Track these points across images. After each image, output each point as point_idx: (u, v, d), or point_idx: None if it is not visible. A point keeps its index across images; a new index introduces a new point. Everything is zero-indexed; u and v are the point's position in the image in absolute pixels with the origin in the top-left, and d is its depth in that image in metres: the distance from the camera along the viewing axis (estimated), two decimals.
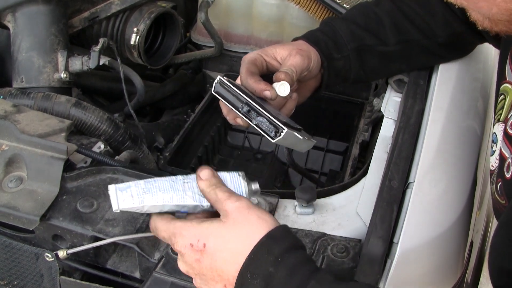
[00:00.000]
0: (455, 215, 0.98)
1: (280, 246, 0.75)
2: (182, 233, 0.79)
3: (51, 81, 1.36)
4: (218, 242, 0.77)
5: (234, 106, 0.93)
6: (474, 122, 1.17)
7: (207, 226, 0.79)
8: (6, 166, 1.06)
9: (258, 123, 0.91)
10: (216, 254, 0.77)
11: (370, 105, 1.50)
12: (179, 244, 0.79)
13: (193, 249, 0.78)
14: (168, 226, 0.81)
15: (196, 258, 0.78)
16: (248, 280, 0.74)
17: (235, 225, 0.78)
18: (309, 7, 1.57)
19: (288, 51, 1.06)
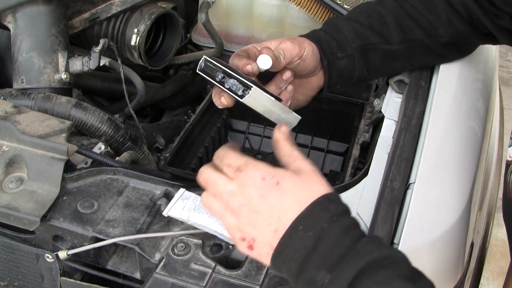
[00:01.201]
0: (456, 216, 0.98)
1: (336, 207, 0.78)
2: (256, 165, 0.81)
3: (52, 82, 1.36)
4: (290, 184, 0.79)
5: (211, 78, 0.95)
6: (475, 122, 1.17)
7: (283, 171, 0.81)
8: (7, 166, 1.06)
9: (230, 85, 0.91)
10: (286, 194, 0.78)
11: (371, 105, 1.50)
12: (249, 173, 0.80)
13: (263, 182, 0.79)
14: (241, 156, 0.84)
15: (262, 193, 0.79)
16: (298, 232, 0.75)
17: (306, 178, 0.80)
18: (310, 8, 1.57)
19: (280, 40, 1.06)
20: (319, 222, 0.75)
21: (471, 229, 1.04)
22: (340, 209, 0.78)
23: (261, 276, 0.90)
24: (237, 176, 0.81)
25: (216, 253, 0.95)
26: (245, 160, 0.82)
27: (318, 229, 0.74)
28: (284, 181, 0.79)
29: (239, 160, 0.82)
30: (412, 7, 1.16)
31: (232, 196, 0.81)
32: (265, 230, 0.78)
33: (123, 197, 1.06)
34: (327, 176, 1.72)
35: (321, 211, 0.76)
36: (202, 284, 0.89)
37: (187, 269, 0.92)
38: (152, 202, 1.05)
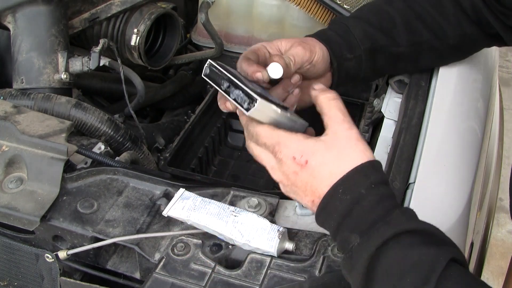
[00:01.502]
0: (455, 215, 0.98)
1: (377, 176, 0.80)
2: (287, 144, 0.83)
3: (51, 82, 1.36)
4: (319, 161, 0.81)
5: (217, 84, 0.93)
6: (475, 123, 1.17)
7: (312, 144, 0.82)
8: (7, 166, 1.06)
9: (235, 97, 0.89)
10: (315, 172, 0.81)
11: (371, 105, 1.50)
12: (283, 153, 0.83)
13: (294, 161, 0.82)
14: (272, 133, 0.85)
15: (295, 170, 0.83)
16: (338, 195, 0.79)
17: (340, 151, 0.81)
18: (310, 8, 1.57)
19: (291, 43, 1.06)
20: (358, 188, 0.78)
21: (470, 229, 1.04)
22: (379, 178, 0.80)
23: (260, 276, 0.90)
24: (276, 156, 0.84)
25: (216, 253, 0.95)
26: (277, 139, 0.84)
27: (356, 194, 0.78)
28: (313, 159, 0.81)
29: (271, 139, 0.85)
30: (421, 7, 1.16)
31: (273, 170, 0.87)
32: (304, 200, 0.85)
33: (123, 197, 1.06)
34: None
35: (361, 177, 0.79)
36: (201, 284, 0.89)
37: (187, 269, 0.92)
38: (152, 202, 1.05)
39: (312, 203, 0.83)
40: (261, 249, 0.91)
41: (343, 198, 0.78)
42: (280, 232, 0.92)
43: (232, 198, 1.04)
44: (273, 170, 0.87)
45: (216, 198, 1.02)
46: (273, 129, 0.86)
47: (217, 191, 1.06)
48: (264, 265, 0.92)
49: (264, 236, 0.92)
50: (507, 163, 3.18)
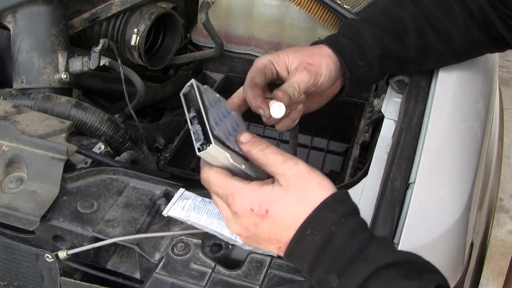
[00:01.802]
0: (455, 216, 0.98)
1: (344, 208, 0.76)
2: (243, 195, 0.79)
3: (52, 82, 1.36)
4: (280, 208, 0.77)
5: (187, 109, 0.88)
6: (475, 122, 1.17)
7: (269, 191, 0.78)
8: (7, 166, 1.06)
9: (194, 130, 0.83)
10: (278, 220, 0.77)
11: (371, 105, 1.50)
12: (238, 205, 0.79)
13: (253, 213, 0.78)
14: (225, 183, 0.81)
15: (254, 222, 0.79)
16: (307, 237, 0.75)
17: (297, 191, 0.78)
18: (310, 8, 1.57)
19: (298, 63, 1.03)
20: (327, 225, 0.75)
21: (470, 229, 1.04)
22: (348, 209, 0.77)
23: (260, 276, 0.90)
24: (231, 208, 0.80)
25: (216, 253, 0.95)
26: (230, 190, 0.80)
27: (326, 232, 0.75)
28: (273, 206, 0.78)
29: (224, 190, 0.80)
30: (431, 12, 1.14)
31: (230, 224, 0.83)
32: (269, 248, 0.81)
33: (123, 197, 1.06)
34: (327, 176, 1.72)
35: (328, 213, 0.76)
36: (202, 284, 0.89)
37: (187, 269, 0.92)
38: (152, 202, 1.05)
39: (278, 250, 0.80)
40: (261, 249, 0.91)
41: (312, 239, 0.75)
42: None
43: None
44: (228, 222, 0.83)
45: None
46: (226, 178, 0.81)
47: None
48: (264, 265, 0.92)
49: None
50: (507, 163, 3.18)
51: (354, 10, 1.47)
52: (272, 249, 0.81)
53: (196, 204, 0.95)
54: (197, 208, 0.95)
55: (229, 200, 0.80)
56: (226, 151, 0.81)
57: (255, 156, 0.82)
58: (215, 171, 0.82)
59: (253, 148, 0.83)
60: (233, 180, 0.81)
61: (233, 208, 0.79)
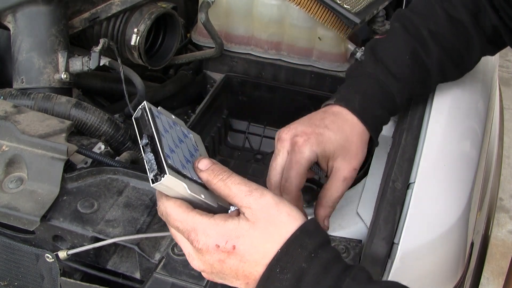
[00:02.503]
0: (456, 215, 0.98)
1: (313, 241, 0.72)
2: (207, 231, 0.73)
3: (52, 82, 1.36)
4: (248, 244, 0.72)
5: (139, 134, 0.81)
6: (475, 122, 1.17)
7: (235, 226, 0.73)
8: (7, 166, 1.06)
9: (147, 159, 0.76)
10: (246, 256, 0.72)
11: None
12: (202, 242, 0.73)
13: (218, 250, 0.73)
14: (186, 217, 0.75)
15: (220, 259, 0.73)
16: (276, 275, 0.71)
17: (266, 225, 0.72)
18: (310, 8, 1.57)
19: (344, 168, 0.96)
20: (296, 262, 0.70)
21: (471, 229, 1.04)
22: (317, 242, 0.72)
23: None
24: (193, 244, 0.75)
25: None
26: (192, 225, 0.74)
27: (296, 270, 0.70)
28: (241, 242, 0.72)
29: (185, 225, 0.75)
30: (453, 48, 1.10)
31: (191, 259, 0.78)
32: (236, 283, 0.76)
33: (123, 197, 1.06)
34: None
35: (297, 248, 0.71)
36: (202, 284, 0.89)
37: (187, 268, 0.92)
38: (152, 202, 1.05)
39: (246, 285, 0.75)
40: None
41: (282, 277, 0.70)
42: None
43: None
44: (190, 258, 0.78)
45: None
46: (186, 212, 0.75)
47: None
48: None
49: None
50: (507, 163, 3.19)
51: (354, 10, 1.47)
52: (239, 285, 0.76)
53: None
54: None
55: (191, 236, 0.74)
56: (182, 181, 0.75)
57: (216, 186, 0.77)
58: (173, 204, 0.76)
59: (213, 178, 0.77)
60: (195, 214, 0.75)
61: (196, 245, 0.74)
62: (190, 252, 0.78)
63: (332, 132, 0.97)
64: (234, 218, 0.74)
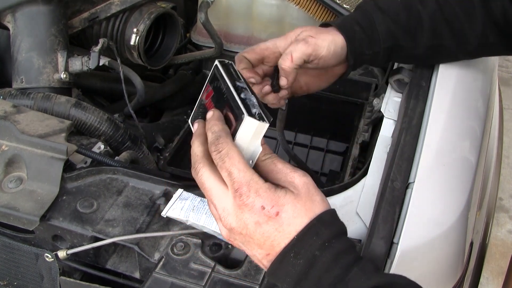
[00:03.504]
0: (455, 215, 0.98)
1: (329, 230, 0.74)
2: (259, 191, 0.74)
3: (51, 82, 1.36)
4: (290, 213, 0.74)
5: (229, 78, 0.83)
6: (474, 122, 1.17)
7: (283, 194, 0.75)
8: (6, 166, 1.06)
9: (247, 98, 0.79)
10: (285, 225, 0.74)
11: (370, 105, 1.50)
12: (251, 199, 0.74)
13: (262, 211, 0.73)
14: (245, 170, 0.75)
15: (259, 221, 0.74)
16: (290, 259, 0.73)
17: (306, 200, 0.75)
18: (309, 8, 1.57)
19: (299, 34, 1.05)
20: (310, 250, 0.73)
21: (470, 228, 1.04)
22: (333, 232, 0.74)
23: (260, 276, 0.90)
24: (235, 195, 0.74)
25: (216, 252, 0.95)
26: (248, 179, 0.74)
27: (309, 257, 0.73)
28: (285, 211, 0.74)
29: (241, 177, 0.74)
30: (451, 9, 1.11)
31: (226, 214, 0.76)
32: (256, 251, 0.77)
33: (123, 197, 1.06)
34: (327, 176, 1.73)
35: (313, 237, 0.73)
36: (201, 283, 0.89)
37: (187, 268, 0.92)
38: (152, 202, 1.05)
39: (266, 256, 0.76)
40: None
41: (296, 262, 0.73)
42: None
43: None
44: (225, 213, 0.76)
45: None
46: (247, 165, 0.75)
47: None
48: None
49: None
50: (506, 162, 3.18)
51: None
52: (258, 255, 0.77)
53: (195, 205, 0.95)
54: (196, 208, 0.95)
55: (242, 189, 0.74)
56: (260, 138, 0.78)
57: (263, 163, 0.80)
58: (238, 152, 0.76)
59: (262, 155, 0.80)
60: (253, 172, 0.75)
61: (244, 200, 0.74)
62: (226, 207, 0.76)
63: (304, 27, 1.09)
64: (283, 189, 0.76)
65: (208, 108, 0.85)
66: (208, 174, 0.77)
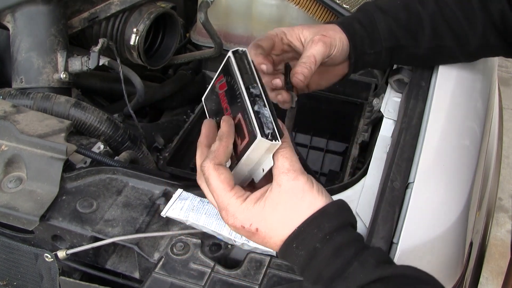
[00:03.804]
0: (455, 215, 0.98)
1: (331, 223, 0.76)
2: (235, 215, 0.78)
3: (51, 82, 1.36)
4: (269, 227, 0.78)
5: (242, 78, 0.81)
6: (474, 122, 1.17)
7: (260, 210, 0.78)
8: (6, 166, 1.06)
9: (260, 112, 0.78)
10: (267, 236, 0.78)
11: (370, 105, 1.50)
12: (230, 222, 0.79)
13: (244, 229, 0.79)
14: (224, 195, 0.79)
15: (247, 235, 0.80)
16: (293, 249, 0.76)
17: (286, 207, 0.77)
18: (309, 8, 1.57)
19: (312, 35, 1.04)
20: (311, 242, 0.75)
21: (470, 228, 1.04)
22: (334, 225, 0.76)
23: (260, 276, 0.90)
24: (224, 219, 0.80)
25: (215, 252, 0.95)
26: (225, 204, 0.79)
27: (311, 249, 0.75)
28: (263, 226, 0.78)
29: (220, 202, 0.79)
30: (451, 12, 1.12)
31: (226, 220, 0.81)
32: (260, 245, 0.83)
33: (122, 197, 1.06)
34: (326, 176, 1.72)
35: (314, 229, 0.75)
36: (201, 283, 0.89)
37: (186, 268, 0.92)
38: (151, 202, 1.05)
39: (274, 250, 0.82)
40: (260, 248, 0.91)
41: (298, 253, 0.76)
42: None
43: None
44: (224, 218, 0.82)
45: None
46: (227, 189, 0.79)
47: None
48: (264, 264, 0.92)
49: None
50: (506, 162, 3.19)
51: (353, 9, 1.48)
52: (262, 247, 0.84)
53: (194, 205, 0.95)
54: (196, 208, 0.95)
55: (222, 213, 0.80)
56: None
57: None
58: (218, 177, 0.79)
59: None
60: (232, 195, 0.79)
61: (226, 221, 0.80)
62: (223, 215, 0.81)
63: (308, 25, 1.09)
64: (261, 200, 0.79)
65: (221, 101, 0.85)
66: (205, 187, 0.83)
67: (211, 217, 0.93)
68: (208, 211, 0.94)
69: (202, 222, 0.93)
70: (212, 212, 0.94)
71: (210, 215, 0.93)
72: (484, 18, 1.12)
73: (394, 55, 1.14)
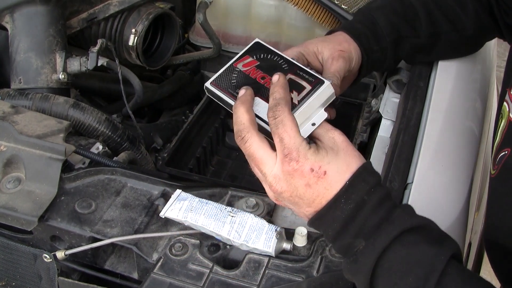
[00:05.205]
0: (453, 216, 0.99)
1: (373, 177, 0.80)
2: (307, 155, 0.78)
3: (49, 82, 1.36)
4: (336, 172, 0.79)
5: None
6: (472, 123, 1.18)
7: (325, 154, 0.79)
8: (4, 167, 1.06)
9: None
10: (333, 183, 0.78)
11: (368, 106, 1.50)
12: (300, 163, 0.78)
13: (312, 173, 0.78)
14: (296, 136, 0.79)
15: (309, 182, 0.78)
16: (340, 205, 0.77)
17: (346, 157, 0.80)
18: (307, 8, 1.57)
19: (330, 51, 1.04)
20: (360, 194, 0.77)
21: (468, 229, 1.04)
22: (376, 180, 0.80)
23: (258, 276, 0.90)
24: (285, 161, 0.78)
25: (214, 253, 0.95)
26: (297, 146, 0.78)
27: (359, 201, 0.77)
28: (331, 169, 0.78)
29: (292, 143, 0.78)
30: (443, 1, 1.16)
31: (276, 180, 0.80)
32: (304, 209, 0.81)
33: (121, 197, 1.06)
34: None
35: (361, 182, 0.78)
36: (199, 284, 0.89)
37: (185, 269, 0.92)
38: (150, 202, 1.05)
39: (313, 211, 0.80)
40: (259, 249, 0.91)
41: (345, 208, 0.77)
42: (277, 232, 0.92)
43: (230, 198, 1.04)
44: (275, 179, 0.80)
45: (214, 199, 1.02)
46: (298, 132, 0.80)
47: (215, 191, 1.06)
48: (262, 265, 0.92)
49: (262, 236, 0.92)
50: None
51: (352, 10, 1.48)
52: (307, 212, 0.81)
53: (193, 205, 0.95)
54: (194, 209, 0.95)
55: (293, 154, 0.78)
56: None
57: None
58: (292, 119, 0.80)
59: None
60: (303, 138, 0.80)
61: (293, 165, 0.78)
62: (277, 173, 0.80)
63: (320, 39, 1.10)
64: (323, 149, 0.81)
65: (252, 75, 0.91)
66: (257, 143, 0.81)
67: (209, 217, 0.93)
68: (207, 212, 0.94)
69: (200, 222, 0.93)
70: (211, 213, 0.94)
71: (208, 216, 0.93)
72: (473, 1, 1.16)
73: (398, 48, 1.15)
